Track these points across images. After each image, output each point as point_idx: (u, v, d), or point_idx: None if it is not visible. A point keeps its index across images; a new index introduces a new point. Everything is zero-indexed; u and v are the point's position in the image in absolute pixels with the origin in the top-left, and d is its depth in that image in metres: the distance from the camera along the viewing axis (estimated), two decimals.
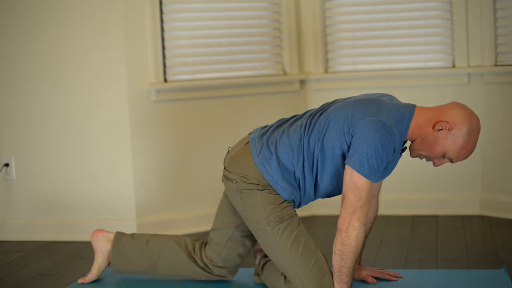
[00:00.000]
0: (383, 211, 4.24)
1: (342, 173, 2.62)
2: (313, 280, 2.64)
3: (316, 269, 2.65)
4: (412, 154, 2.70)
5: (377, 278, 2.92)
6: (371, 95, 2.71)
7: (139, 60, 3.93)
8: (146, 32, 3.92)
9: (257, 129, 2.82)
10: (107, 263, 3.04)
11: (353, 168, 2.52)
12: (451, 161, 2.63)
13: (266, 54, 4.30)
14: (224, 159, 2.83)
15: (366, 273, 2.91)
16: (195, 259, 2.92)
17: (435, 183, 4.24)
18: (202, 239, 2.99)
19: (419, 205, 4.25)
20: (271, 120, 4.19)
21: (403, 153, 2.75)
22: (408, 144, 2.74)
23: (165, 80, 4.02)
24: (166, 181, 4.03)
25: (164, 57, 4.01)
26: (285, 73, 4.30)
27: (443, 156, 2.62)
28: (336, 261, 2.57)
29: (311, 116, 2.71)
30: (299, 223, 2.72)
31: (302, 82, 4.34)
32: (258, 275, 2.96)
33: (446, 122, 2.57)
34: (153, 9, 3.92)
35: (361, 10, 4.30)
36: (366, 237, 2.91)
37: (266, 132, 2.77)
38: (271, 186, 2.69)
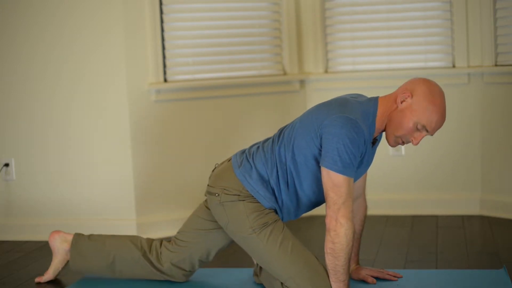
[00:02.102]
0: (383, 211, 4.25)
1: (320, 178, 2.65)
2: (307, 279, 2.64)
3: (308, 268, 2.65)
4: (390, 141, 2.68)
5: (377, 278, 2.92)
6: (335, 97, 2.75)
7: (139, 60, 3.93)
8: (146, 32, 3.92)
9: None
10: (63, 264, 3.12)
11: (327, 167, 2.56)
12: (427, 131, 2.60)
13: (266, 54, 4.30)
14: (209, 177, 2.88)
15: (365, 273, 2.92)
16: (150, 259, 2.95)
17: (435, 183, 4.24)
18: (160, 239, 3.02)
19: (419, 205, 4.25)
20: (270, 120, 4.20)
21: (376, 146, 2.78)
22: (380, 136, 2.78)
23: (165, 80, 4.02)
24: (166, 181, 4.03)
25: (164, 57, 4.01)
26: (285, 73, 4.30)
27: (418, 129, 2.61)
28: (329, 260, 2.58)
29: (281, 129, 2.81)
30: (283, 226, 2.74)
31: (302, 82, 4.34)
32: (257, 275, 2.96)
33: (405, 91, 2.61)
34: (153, 9, 3.92)
35: (361, 10, 4.30)
36: (360, 235, 2.93)
37: (246, 149, 2.86)
38: (253, 196, 2.73)
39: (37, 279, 3.13)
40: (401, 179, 4.28)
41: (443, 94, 2.64)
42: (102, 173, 3.96)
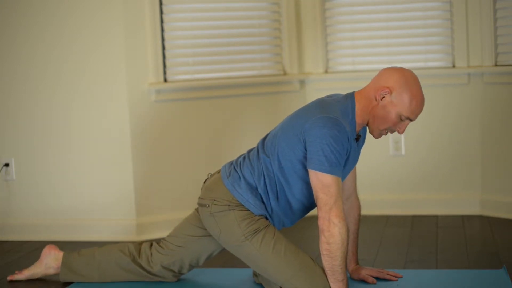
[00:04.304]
0: (383, 211, 4.25)
1: (309, 182, 2.65)
2: (304, 280, 2.64)
3: (304, 268, 2.66)
4: (375, 135, 2.73)
5: (377, 278, 2.92)
6: (312, 101, 2.77)
7: (139, 60, 3.93)
8: (146, 32, 3.92)
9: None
10: (40, 276, 3.15)
11: (314, 169, 2.57)
12: (411, 120, 2.66)
13: (266, 54, 4.30)
14: (201, 188, 2.90)
15: (366, 272, 2.92)
16: (140, 263, 2.98)
17: (435, 183, 4.24)
18: (149, 241, 3.05)
19: (419, 205, 4.25)
20: (270, 121, 4.20)
21: (361, 143, 2.81)
22: (363, 132, 2.83)
23: (165, 80, 4.02)
24: (166, 181, 4.03)
25: (164, 57, 4.01)
26: (285, 73, 4.30)
27: (401, 119, 2.66)
28: (326, 261, 2.59)
29: (263, 138, 2.82)
30: (275, 230, 2.75)
31: (302, 82, 4.34)
32: (256, 275, 2.96)
33: (383, 88, 2.64)
34: (153, 9, 3.92)
35: (361, 10, 4.30)
36: (356, 235, 2.93)
37: (233, 160, 2.88)
38: (242, 205, 2.74)
39: (9, 277, 3.17)
40: (401, 179, 4.28)
41: (418, 81, 2.69)
42: (102, 173, 3.96)
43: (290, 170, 2.69)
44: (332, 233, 2.55)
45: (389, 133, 2.74)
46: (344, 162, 2.63)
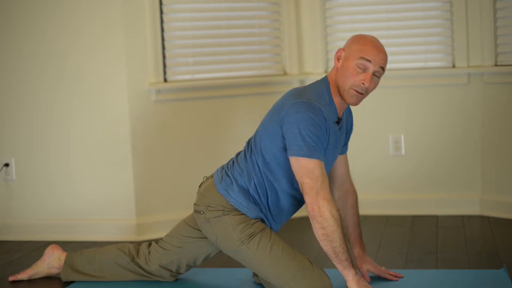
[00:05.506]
0: (383, 211, 4.25)
1: None
2: (303, 282, 2.64)
3: (302, 270, 2.65)
4: (348, 100, 2.67)
5: (377, 278, 2.92)
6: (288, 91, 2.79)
7: (139, 60, 3.93)
8: (146, 32, 3.92)
9: None
10: (41, 276, 3.17)
11: (294, 155, 2.56)
12: (369, 62, 2.62)
13: (266, 54, 4.30)
14: (196, 194, 2.91)
15: (367, 268, 2.91)
16: (138, 263, 3.00)
17: (435, 183, 4.24)
18: (148, 241, 3.07)
19: (419, 205, 4.25)
20: None
21: (344, 128, 2.80)
22: (348, 117, 2.85)
23: (165, 80, 4.02)
24: (166, 181, 4.03)
25: (164, 57, 4.01)
26: (285, 73, 4.30)
27: (360, 68, 2.62)
28: (326, 246, 2.57)
29: (248, 141, 2.84)
30: (271, 233, 2.74)
31: (302, 82, 4.34)
32: (257, 275, 2.96)
33: (337, 51, 2.70)
34: (153, 9, 3.92)
35: (361, 10, 4.30)
36: (357, 222, 2.93)
37: (224, 164, 2.88)
38: (237, 209, 2.74)
39: (11, 278, 3.17)
40: (401, 179, 4.28)
41: (375, 38, 2.72)
42: (102, 173, 3.96)
43: (275, 164, 2.68)
44: (324, 217, 2.53)
45: (362, 93, 2.64)
46: (325, 144, 2.61)
